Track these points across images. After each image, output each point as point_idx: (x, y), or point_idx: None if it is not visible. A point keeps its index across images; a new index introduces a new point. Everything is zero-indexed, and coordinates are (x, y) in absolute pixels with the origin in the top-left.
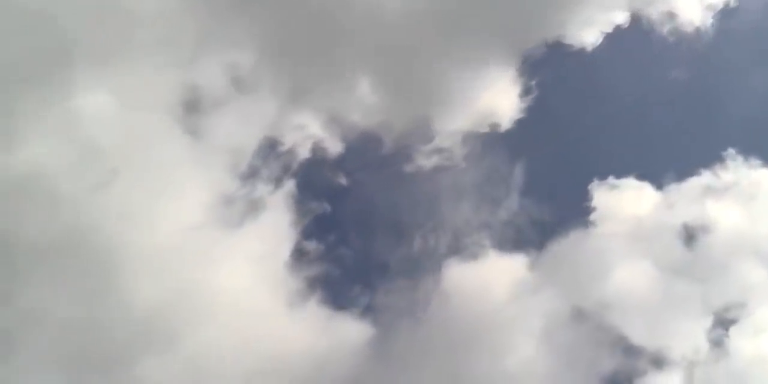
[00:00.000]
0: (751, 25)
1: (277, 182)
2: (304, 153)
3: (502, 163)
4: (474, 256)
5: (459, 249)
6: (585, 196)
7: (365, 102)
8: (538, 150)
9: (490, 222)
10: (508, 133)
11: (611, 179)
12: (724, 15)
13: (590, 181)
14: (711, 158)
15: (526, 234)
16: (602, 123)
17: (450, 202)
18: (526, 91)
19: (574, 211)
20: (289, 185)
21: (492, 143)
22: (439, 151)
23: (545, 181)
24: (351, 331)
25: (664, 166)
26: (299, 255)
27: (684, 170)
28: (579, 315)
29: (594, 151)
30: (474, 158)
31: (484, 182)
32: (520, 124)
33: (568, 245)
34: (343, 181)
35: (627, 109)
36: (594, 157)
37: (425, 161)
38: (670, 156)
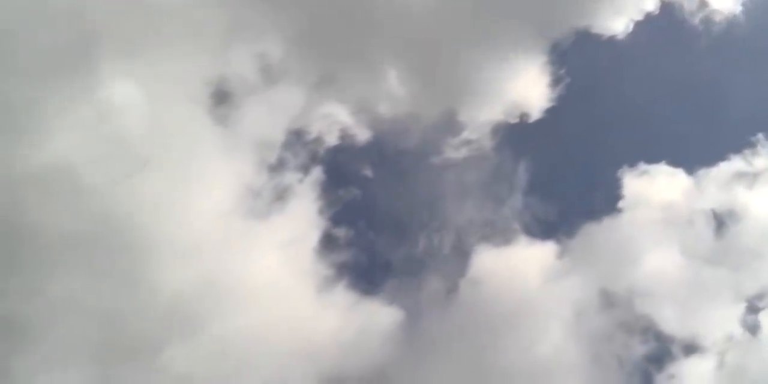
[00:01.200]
0: None
1: (305, 170)
2: (332, 142)
3: (532, 153)
4: (503, 243)
5: (488, 235)
6: (615, 183)
7: (393, 93)
8: (568, 138)
9: (520, 209)
10: (538, 123)
11: (641, 166)
12: (755, 3)
13: (620, 167)
14: (741, 144)
15: (557, 221)
16: (632, 110)
17: (479, 190)
18: (555, 81)
19: (605, 198)
20: (317, 173)
21: (521, 133)
22: (468, 141)
23: (575, 169)
24: (379, 316)
25: (694, 153)
26: (328, 241)
27: (714, 156)
28: (609, 302)
29: (624, 138)
30: (503, 148)
31: (513, 171)
32: (549, 113)
33: (598, 232)
34: (371, 169)
35: (657, 97)
36: (624, 144)
37: (454, 151)
38: (699, 142)
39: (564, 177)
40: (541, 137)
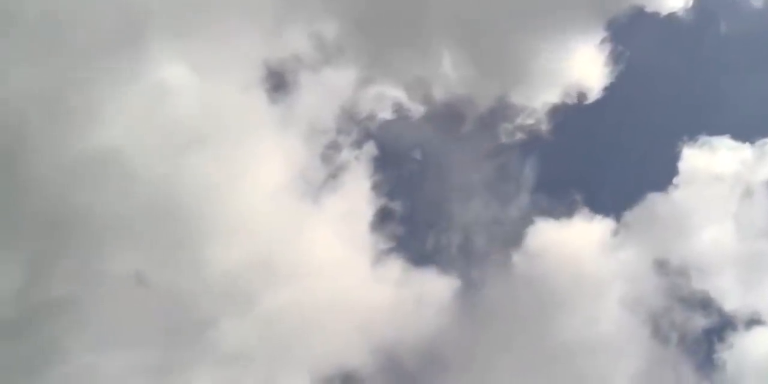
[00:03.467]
0: None
1: (359, 148)
2: (385, 121)
3: (590, 131)
4: (561, 217)
5: (545, 210)
6: (675, 157)
7: (447, 75)
8: (627, 115)
9: (578, 184)
10: (597, 102)
11: (701, 139)
12: None
13: (680, 142)
14: None
15: (615, 195)
16: (691, 85)
17: (538, 165)
18: (613, 59)
19: (664, 172)
20: (371, 150)
21: (579, 113)
22: (523, 125)
23: (635, 145)
24: (434, 289)
25: (753, 125)
26: (383, 215)
27: None
28: (667, 275)
29: (683, 113)
30: (561, 129)
31: (570, 150)
32: (608, 91)
33: (657, 206)
34: (424, 146)
35: (717, 71)
36: (683, 118)
37: (509, 134)
38: (759, 115)
39: (624, 152)
40: (599, 115)
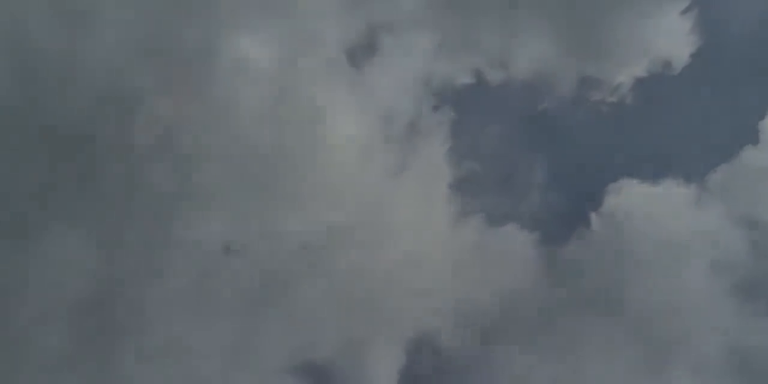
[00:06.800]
0: None
1: (439, 112)
2: (465, 84)
3: (678, 99)
4: (647, 178)
5: (631, 171)
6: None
7: (529, 45)
8: (713, 84)
9: (664, 145)
10: (684, 70)
11: None
12: None
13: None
14: None
15: (703, 157)
16: None
17: (622, 130)
18: (699, 26)
19: (751, 133)
20: (451, 114)
21: (667, 83)
22: (608, 98)
23: (724, 107)
24: (515, 249)
25: None
26: (463, 177)
27: None
28: (754, 236)
29: None
30: (645, 101)
31: (658, 117)
32: (695, 58)
33: (744, 168)
34: (505, 109)
35: None
36: None
37: (593, 105)
38: None
39: (712, 115)
40: (686, 84)
